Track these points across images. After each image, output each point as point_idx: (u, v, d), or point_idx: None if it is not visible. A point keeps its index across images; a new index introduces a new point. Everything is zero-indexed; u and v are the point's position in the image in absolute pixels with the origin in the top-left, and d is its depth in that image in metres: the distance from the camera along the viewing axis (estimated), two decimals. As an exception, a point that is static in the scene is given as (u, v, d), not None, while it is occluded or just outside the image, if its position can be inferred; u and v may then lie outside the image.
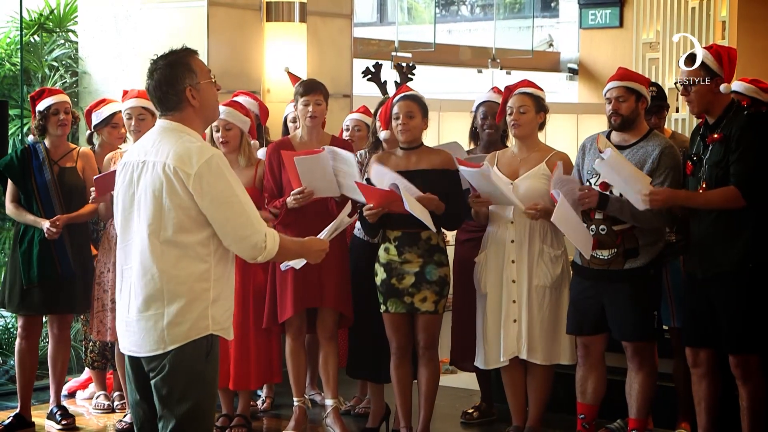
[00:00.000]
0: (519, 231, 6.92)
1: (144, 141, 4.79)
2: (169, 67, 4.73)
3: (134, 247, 4.68)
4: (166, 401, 4.65)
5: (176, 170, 4.57)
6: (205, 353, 4.66)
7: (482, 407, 7.83)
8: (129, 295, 4.71)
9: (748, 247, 6.12)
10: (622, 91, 6.55)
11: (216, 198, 4.59)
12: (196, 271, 4.64)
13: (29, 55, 9.70)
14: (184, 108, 4.73)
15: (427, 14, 16.39)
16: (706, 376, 6.33)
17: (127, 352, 4.77)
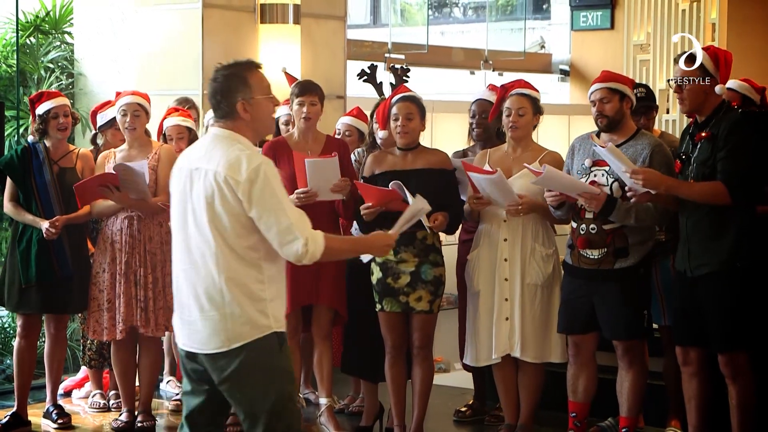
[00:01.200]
0: (512, 230, 6.93)
1: (197, 147, 4.96)
2: (225, 78, 4.86)
3: (192, 250, 4.80)
4: (249, 401, 4.77)
5: (227, 178, 4.69)
6: (278, 347, 4.79)
7: (474, 405, 7.84)
8: (189, 295, 4.82)
9: (735, 247, 6.12)
10: (605, 92, 6.56)
11: (262, 205, 4.69)
12: (251, 273, 4.76)
13: (25, 56, 9.69)
14: (235, 118, 4.84)
15: (420, 16, 16.40)
16: (697, 374, 6.34)
17: (189, 349, 4.86)
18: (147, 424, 7.53)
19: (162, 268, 7.43)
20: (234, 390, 4.79)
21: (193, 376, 4.92)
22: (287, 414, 4.81)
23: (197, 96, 8.99)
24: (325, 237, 4.80)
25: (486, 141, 7.41)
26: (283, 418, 4.79)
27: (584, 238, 6.54)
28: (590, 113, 6.68)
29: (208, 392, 4.90)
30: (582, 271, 6.60)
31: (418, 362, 6.98)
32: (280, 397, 4.78)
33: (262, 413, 4.75)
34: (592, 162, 6.57)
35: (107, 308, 7.41)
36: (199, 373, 4.89)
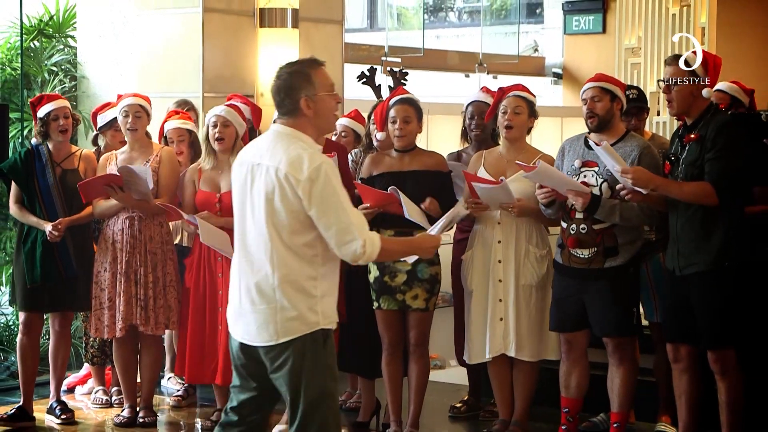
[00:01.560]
0: (506, 232, 6.95)
1: (259, 143, 4.96)
2: (289, 75, 4.89)
3: (249, 244, 4.86)
4: (294, 392, 4.82)
5: (287, 175, 4.73)
6: (322, 343, 4.84)
7: (469, 401, 7.87)
8: (242, 287, 4.88)
9: (723, 246, 6.15)
10: (596, 91, 6.59)
11: (322, 204, 4.73)
12: (305, 270, 4.80)
13: (29, 59, 9.70)
14: (298, 115, 4.87)
15: (416, 20, 16.40)
16: (687, 370, 6.37)
17: (240, 339, 4.92)
18: (148, 419, 7.56)
19: (162, 267, 7.46)
20: (281, 381, 4.85)
21: (243, 371, 4.98)
22: (324, 409, 4.85)
23: (198, 98, 9.02)
24: (381, 239, 4.88)
25: (482, 142, 7.43)
26: (319, 412, 4.83)
27: (574, 238, 6.58)
28: (582, 115, 6.71)
29: (257, 389, 4.97)
30: (572, 270, 6.63)
31: (415, 359, 7.01)
32: (320, 393, 4.83)
33: (302, 405, 4.81)
34: (582, 163, 6.60)
35: (108, 306, 7.43)
36: (248, 369, 4.95)
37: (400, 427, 7.05)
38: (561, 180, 6.44)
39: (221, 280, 7.23)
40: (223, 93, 8.59)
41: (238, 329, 4.94)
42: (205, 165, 7.34)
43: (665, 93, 6.28)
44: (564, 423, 6.85)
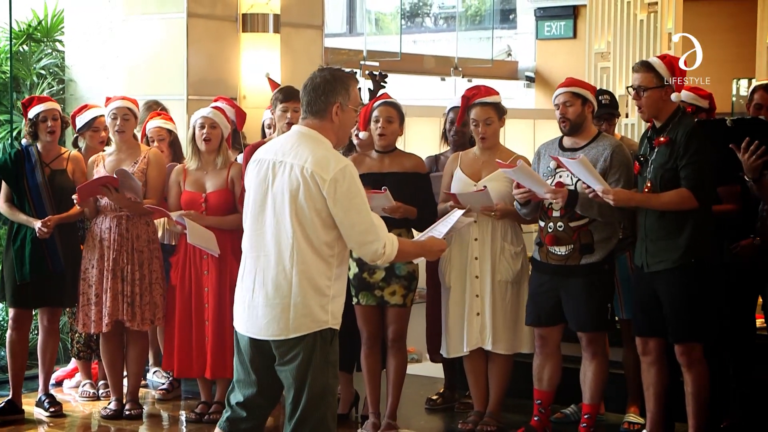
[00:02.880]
0: (482, 230, 6.96)
1: (281, 142, 4.92)
2: (333, 78, 4.87)
3: (267, 239, 4.81)
4: (298, 387, 4.81)
5: (314, 174, 4.70)
6: (329, 341, 4.83)
7: (445, 394, 7.86)
8: (256, 281, 4.84)
9: (690, 244, 6.16)
10: (568, 96, 6.60)
11: (346, 204, 4.72)
12: (322, 269, 4.78)
13: (18, 63, 9.67)
14: (325, 119, 4.85)
15: (394, 25, 16.41)
16: (655, 363, 6.38)
17: (248, 334, 4.88)
18: (134, 412, 7.54)
19: (149, 265, 7.44)
20: (287, 374, 4.83)
21: (249, 366, 4.93)
22: (324, 405, 4.84)
23: (182, 101, 9.02)
24: (399, 240, 4.89)
25: (461, 147, 7.42)
26: (319, 409, 4.82)
27: (552, 236, 6.58)
28: (554, 117, 6.71)
29: (257, 383, 4.94)
30: (549, 267, 6.63)
31: (392, 353, 7.00)
32: (322, 390, 4.82)
33: (305, 399, 4.80)
34: (557, 165, 6.60)
35: (95, 302, 7.41)
36: (255, 363, 4.91)
37: (379, 419, 7.04)
38: (538, 180, 6.42)
39: (206, 278, 7.25)
40: (207, 95, 8.57)
41: (247, 324, 4.89)
42: (190, 165, 7.32)
43: (635, 99, 6.29)
44: (537, 414, 6.85)
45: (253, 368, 4.92)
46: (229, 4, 9.44)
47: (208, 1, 9.32)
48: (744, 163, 5.87)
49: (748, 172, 5.92)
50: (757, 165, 5.84)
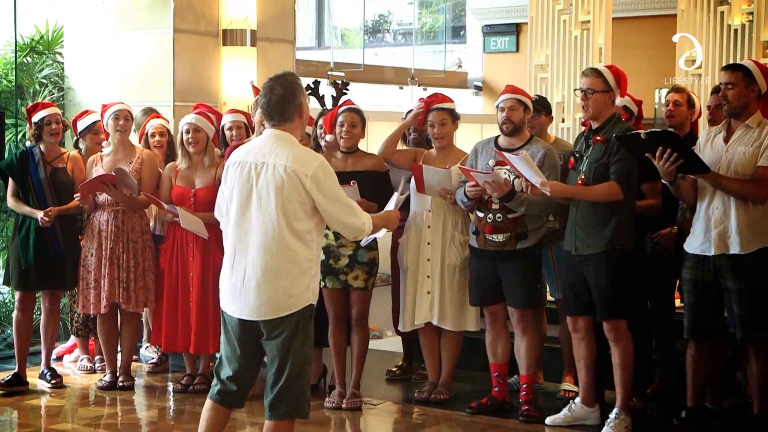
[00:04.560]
0: (435, 219, 7.00)
1: (259, 145, 4.89)
2: (291, 85, 4.87)
3: (253, 232, 4.80)
4: (282, 359, 4.81)
5: (296, 171, 4.73)
6: (310, 317, 4.88)
7: (403, 366, 7.90)
8: (246, 270, 4.82)
9: (615, 232, 6.20)
10: (513, 102, 6.64)
11: (329, 194, 4.78)
12: (304, 252, 4.79)
13: (23, 73, 9.62)
14: (294, 119, 4.87)
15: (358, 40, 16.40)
16: (584, 339, 6.42)
17: (239, 316, 4.87)
18: (127, 383, 7.55)
19: (142, 253, 7.45)
20: (273, 347, 4.84)
21: (236, 343, 4.92)
22: (304, 374, 4.87)
23: (169, 107, 9.00)
24: (371, 217, 5.00)
25: (418, 144, 7.45)
26: (301, 377, 4.85)
27: (491, 225, 6.61)
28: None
29: (241, 358, 4.94)
30: (488, 253, 6.66)
31: (356, 331, 7.03)
32: (303, 361, 4.85)
33: (288, 369, 4.81)
34: (496, 162, 6.65)
35: (94, 287, 7.42)
36: (243, 342, 4.91)
37: (344, 389, 7.07)
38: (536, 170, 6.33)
39: (192, 264, 7.28)
40: (192, 102, 8.56)
41: (237, 307, 4.87)
42: (181, 165, 7.34)
43: (583, 100, 6.30)
44: (496, 385, 6.87)
45: (240, 345, 4.93)
46: (211, 20, 9.42)
47: (192, 17, 9.29)
48: (660, 169, 5.92)
49: (664, 177, 5.98)
50: (671, 170, 5.90)
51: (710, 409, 6.57)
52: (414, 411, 7.04)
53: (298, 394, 4.84)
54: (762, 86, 5.99)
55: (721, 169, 5.96)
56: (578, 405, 6.53)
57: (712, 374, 6.43)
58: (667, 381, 6.98)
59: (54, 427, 6.74)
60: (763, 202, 5.92)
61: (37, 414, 7.09)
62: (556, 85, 10.11)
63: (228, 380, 4.98)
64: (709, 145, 6.11)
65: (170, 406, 7.30)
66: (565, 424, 6.52)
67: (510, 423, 6.67)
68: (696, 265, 6.07)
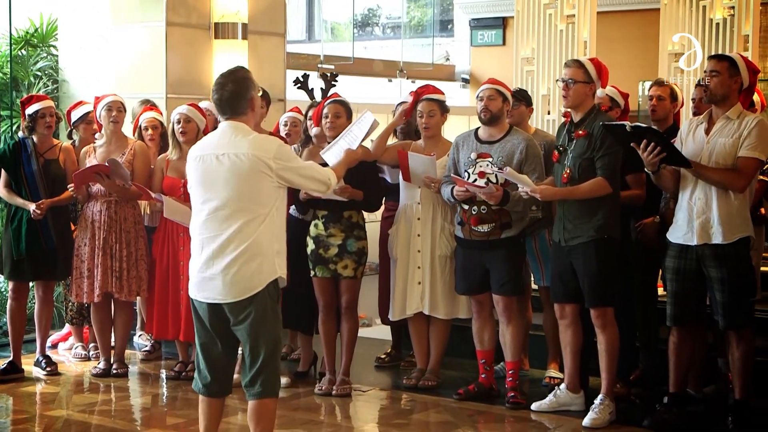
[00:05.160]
0: (424, 211, 6.99)
1: (217, 137, 4.99)
2: (241, 81, 4.96)
3: (219, 220, 4.88)
4: (256, 336, 4.88)
5: (258, 156, 4.85)
6: (276, 297, 4.95)
7: (392, 353, 7.90)
8: (214, 255, 4.88)
9: (603, 222, 6.21)
10: (493, 92, 6.65)
11: (294, 168, 4.94)
12: (267, 233, 4.89)
13: (17, 66, 9.58)
14: (247, 113, 4.96)
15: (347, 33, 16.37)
16: (571, 325, 6.43)
17: (207, 301, 4.93)
18: (121, 371, 7.55)
19: (135, 243, 7.44)
20: (244, 331, 4.90)
21: (210, 329, 4.99)
22: (277, 354, 4.97)
23: (162, 98, 8.96)
24: (333, 170, 5.25)
25: (407, 135, 7.42)
26: (275, 356, 4.94)
27: (477, 217, 6.60)
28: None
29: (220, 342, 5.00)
30: (474, 243, 6.66)
31: (346, 319, 7.02)
32: (276, 340, 4.95)
33: (263, 350, 4.89)
34: (478, 155, 6.65)
35: (87, 276, 7.40)
36: (215, 327, 4.97)
37: (334, 375, 7.07)
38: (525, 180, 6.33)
39: (183, 253, 7.23)
40: (184, 94, 8.54)
41: (205, 293, 4.93)
42: (172, 156, 7.32)
43: (564, 90, 6.30)
44: (483, 372, 6.88)
45: (214, 330, 4.99)
46: (203, 14, 9.38)
47: (184, 11, 9.26)
48: (644, 160, 5.94)
49: (648, 167, 5.99)
50: (655, 161, 5.91)
51: (692, 395, 6.58)
52: (402, 397, 7.04)
53: (273, 373, 4.94)
54: (744, 80, 6.01)
55: (702, 160, 5.97)
56: (563, 391, 6.53)
57: (694, 361, 6.44)
58: (650, 367, 7.00)
59: (49, 413, 6.71)
60: (743, 191, 5.94)
61: (32, 400, 7.08)
62: (541, 77, 10.09)
63: (207, 369, 5.05)
64: (690, 136, 6.12)
65: (163, 393, 7.28)
66: (550, 409, 6.52)
67: (496, 409, 6.67)
68: (679, 254, 6.08)
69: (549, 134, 7.62)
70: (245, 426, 6.20)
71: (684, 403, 6.28)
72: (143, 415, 6.82)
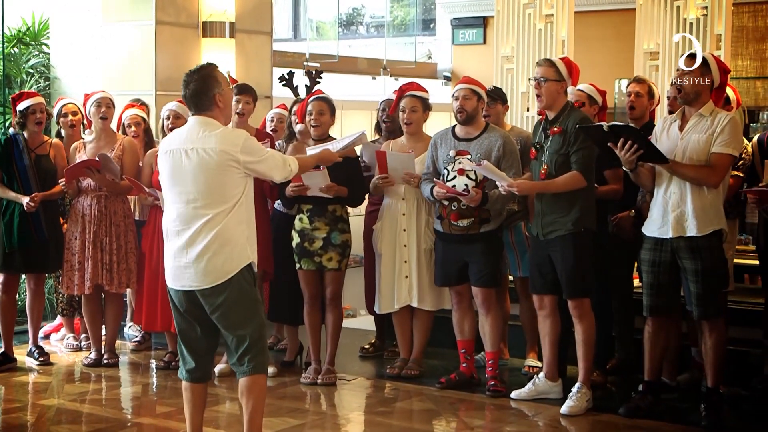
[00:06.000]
0: (409, 206, 6.98)
1: (186, 132, 4.98)
2: (202, 79, 4.96)
3: (189, 212, 4.90)
4: (238, 323, 4.91)
5: (224, 150, 4.85)
6: (252, 280, 4.95)
7: (376, 344, 7.88)
8: (187, 245, 4.90)
9: (578, 217, 6.22)
10: (468, 92, 6.65)
11: (259, 159, 4.94)
12: (235, 221, 4.90)
13: (10, 63, 9.54)
14: (213, 108, 4.95)
15: (332, 32, 16.34)
16: (549, 316, 6.43)
17: (184, 288, 4.95)
18: (111, 361, 7.52)
19: (124, 236, 7.42)
20: (222, 317, 4.92)
21: (187, 317, 5.02)
22: (263, 332, 4.98)
23: (151, 96, 8.93)
24: (297, 159, 5.25)
25: (391, 133, 7.40)
26: (260, 334, 4.96)
27: (457, 213, 6.60)
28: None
29: (200, 327, 5.02)
30: (453, 237, 6.66)
31: (330, 310, 7.00)
32: (259, 320, 4.96)
33: (247, 331, 4.90)
34: (456, 152, 6.64)
35: (78, 269, 7.38)
36: (192, 313, 4.99)
37: (319, 365, 7.05)
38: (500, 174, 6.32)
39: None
40: (173, 91, 8.49)
41: (181, 281, 4.96)
42: (163, 150, 7.28)
43: (536, 89, 6.31)
44: (464, 361, 6.88)
45: (191, 315, 5.02)
46: (191, 13, 9.35)
47: (173, 10, 9.22)
48: (621, 158, 5.93)
49: (625, 165, 5.98)
50: (632, 159, 5.91)
51: (666, 383, 6.60)
52: (386, 386, 7.03)
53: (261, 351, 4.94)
54: (716, 79, 6.01)
55: (676, 156, 5.97)
56: (542, 380, 6.54)
57: (668, 350, 6.45)
58: (625, 356, 7.01)
59: (41, 402, 6.69)
60: (717, 186, 5.95)
61: (25, 390, 7.04)
62: (521, 75, 10.08)
63: (189, 355, 5.08)
64: (665, 133, 6.12)
65: (153, 382, 7.26)
66: (529, 397, 6.52)
67: (477, 397, 6.67)
68: (654, 246, 6.08)
69: (524, 130, 7.63)
70: (233, 414, 6.22)
71: (658, 390, 6.29)
72: (133, 403, 6.80)
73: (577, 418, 6.22)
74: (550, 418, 6.25)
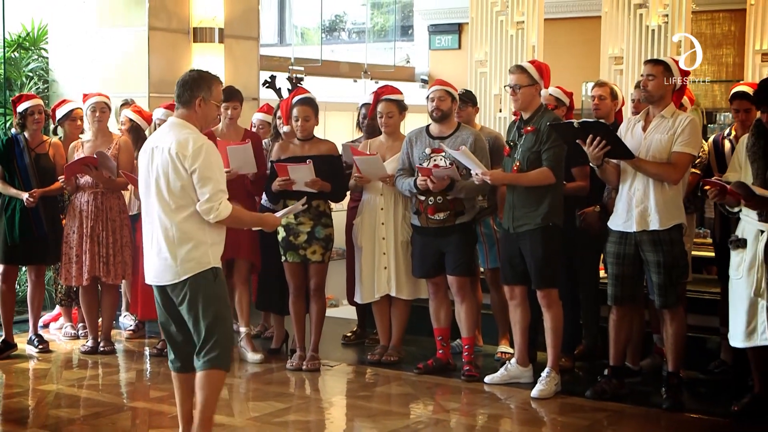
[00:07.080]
0: (387, 200, 6.98)
1: (160, 132, 4.97)
2: (198, 77, 4.93)
3: (155, 208, 4.86)
4: (196, 316, 4.87)
5: (177, 154, 4.78)
6: (212, 279, 4.87)
7: (357, 332, 7.89)
8: (153, 241, 4.90)
9: (548, 211, 6.24)
10: (442, 93, 6.67)
11: (199, 173, 4.77)
12: (196, 223, 4.82)
13: (10, 67, 9.49)
14: (190, 109, 4.89)
15: (316, 37, 16.32)
16: (520, 305, 6.45)
17: (153, 282, 4.97)
18: (108, 348, 7.50)
19: (120, 231, 7.41)
20: (185, 311, 4.91)
21: (163, 308, 5.02)
22: (221, 328, 4.91)
23: (144, 98, 8.90)
24: (234, 208, 4.90)
25: (372, 130, 7.40)
26: (217, 329, 4.88)
27: (433, 207, 6.61)
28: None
29: (173, 320, 5.02)
30: (430, 230, 6.67)
31: (314, 300, 7.00)
32: (214, 317, 4.88)
33: (203, 326, 4.87)
34: (432, 150, 6.66)
35: (75, 261, 7.36)
36: (166, 306, 5.00)
37: (304, 352, 7.06)
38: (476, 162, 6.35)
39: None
40: (166, 93, 8.48)
41: (150, 276, 4.99)
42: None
43: (512, 95, 6.32)
44: (440, 348, 6.89)
45: (165, 308, 5.03)
46: (182, 19, 9.33)
47: (165, 16, 9.19)
48: (589, 154, 5.95)
49: (593, 161, 6.00)
50: (600, 155, 5.93)
51: (630, 368, 6.63)
52: (367, 372, 7.04)
53: (218, 342, 4.88)
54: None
55: (640, 155, 6.00)
56: (513, 365, 6.56)
57: (632, 337, 6.48)
58: (591, 343, 7.04)
59: (41, 387, 6.68)
60: (677, 183, 5.99)
61: (25, 376, 7.01)
62: (494, 79, 10.10)
63: (170, 344, 5.09)
64: (629, 133, 6.15)
65: (147, 369, 7.25)
66: (501, 382, 6.54)
67: (453, 381, 6.69)
68: (619, 240, 6.11)
69: (493, 130, 7.69)
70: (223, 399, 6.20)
71: (623, 375, 6.33)
72: (128, 389, 6.79)
73: (547, 400, 6.24)
74: (521, 401, 6.27)
